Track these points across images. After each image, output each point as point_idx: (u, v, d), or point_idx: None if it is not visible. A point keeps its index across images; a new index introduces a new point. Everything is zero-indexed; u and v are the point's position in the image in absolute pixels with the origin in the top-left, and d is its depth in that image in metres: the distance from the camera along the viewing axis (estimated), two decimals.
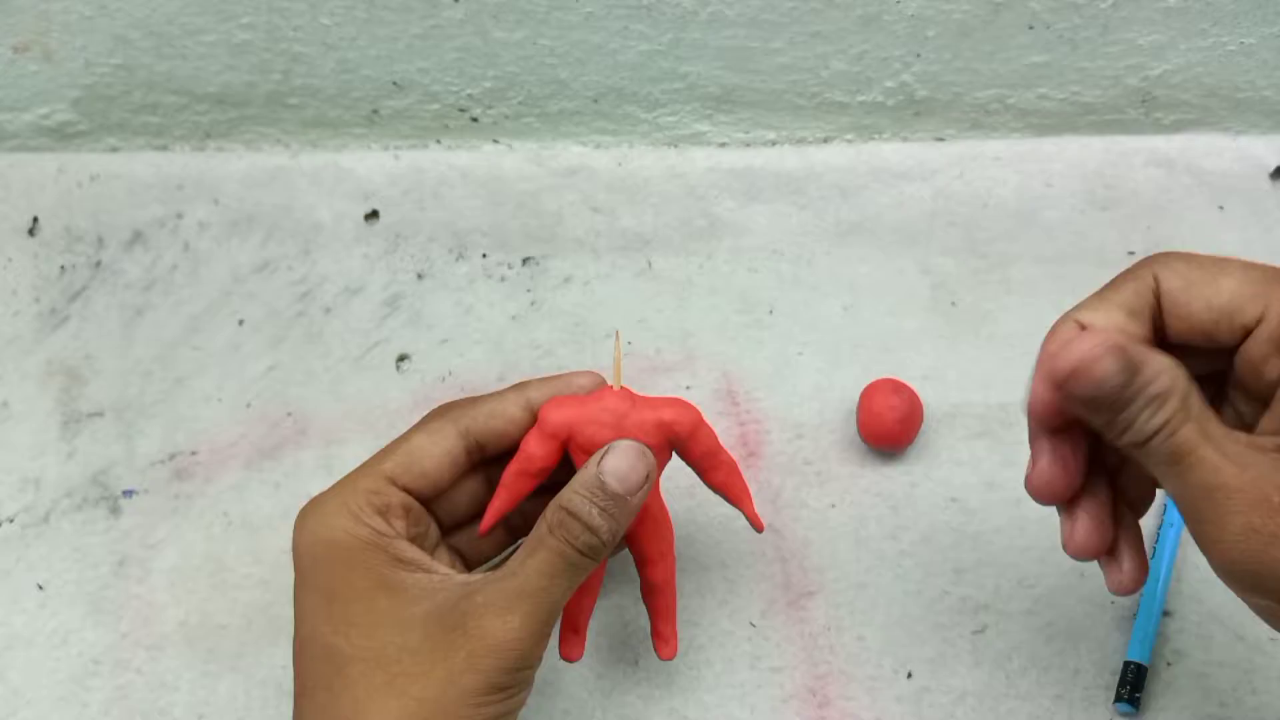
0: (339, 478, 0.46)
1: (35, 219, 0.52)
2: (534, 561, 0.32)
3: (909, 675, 0.41)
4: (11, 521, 0.45)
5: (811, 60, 0.51)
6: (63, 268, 0.51)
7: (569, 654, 0.38)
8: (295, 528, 0.34)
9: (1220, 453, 0.27)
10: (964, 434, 0.46)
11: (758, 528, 0.38)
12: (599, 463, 0.33)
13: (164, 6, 0.48)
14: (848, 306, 0.49)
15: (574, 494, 0.33)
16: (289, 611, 0.43)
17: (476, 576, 0.33)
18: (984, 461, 0.45)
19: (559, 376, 0.37)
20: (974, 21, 0.49)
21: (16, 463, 0.46)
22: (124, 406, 0.47)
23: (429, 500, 0.36)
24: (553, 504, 0.33)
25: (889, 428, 0.44)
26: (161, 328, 0.49)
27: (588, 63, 0.51)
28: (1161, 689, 0.41)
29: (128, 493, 0.45)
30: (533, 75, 0.51)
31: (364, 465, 0.35)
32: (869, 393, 0.45)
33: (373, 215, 0.52)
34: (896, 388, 0.45)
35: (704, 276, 0.51)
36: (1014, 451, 0.45)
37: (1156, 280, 0.31)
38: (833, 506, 0.45)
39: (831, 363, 0.48)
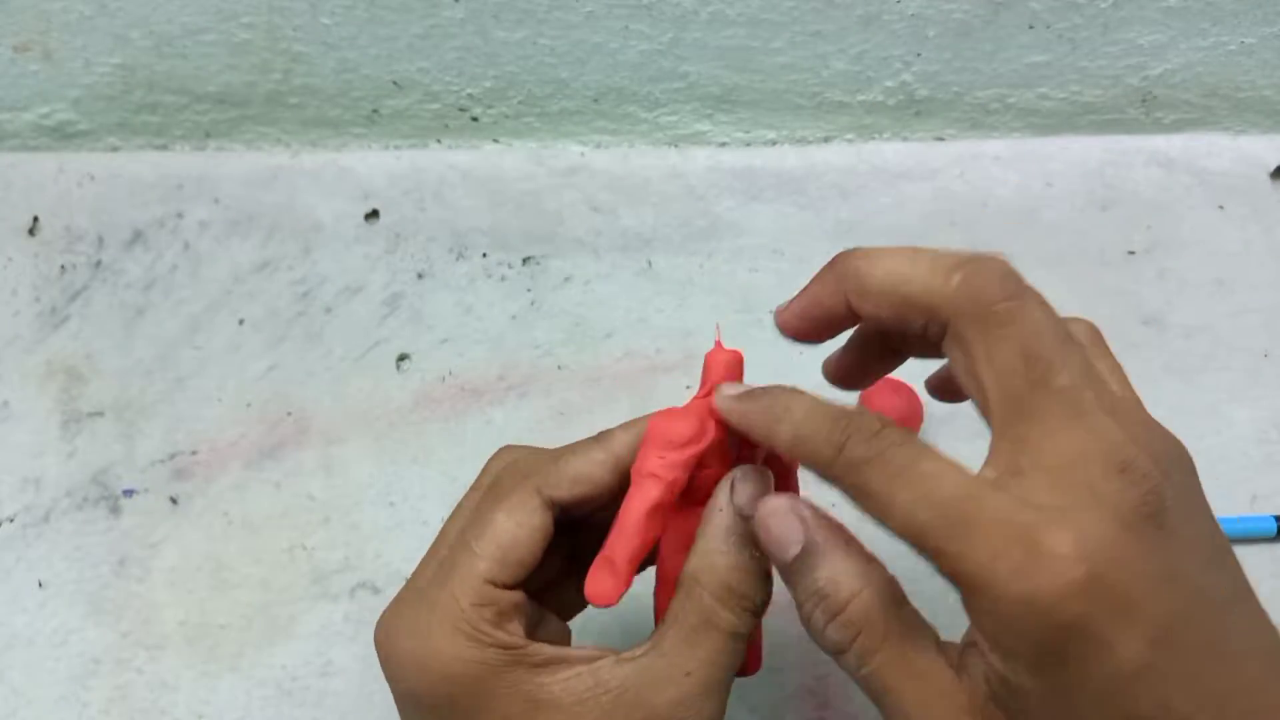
0: (339, 479, 0.46)
1: (35, 219, 0.52)
2: (705, 650, 0.28)
3: None
4: (11, 521, 0.45)
5: (812, 60, 0.51)
6: (63, 267, 0.51)
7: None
8: (394, 661, 0.29)
9: (922, 694, 0.25)
10: (964, 434, 0.46)
11: None
12: (730, 501, 0.29)
13: (164, 6, 0.48)
14: None
15: (721, 548, 0.29)
16: (289, 611, 0.43)
17: (626, 667, 0.29)
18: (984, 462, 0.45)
19: (641, 420, 0.32)
20: (974, 21, 0.49)
21: (16, 463, 0.46)
22: (124, 406, 0.47)
23: (527, 585, 0.31)
24: (697, 570, 0.29)
25: None
26: (161, 327, 0.49)
27: (588, 62, 0.51)
28: None
29: (128, 492, 0.46)
30: (533, 75, 0.51)
31: (451, 567, 0.29)
32: (869, 393, 0.45)
33: (373, 215, 0.52)
34: (896, 388, 0.45)
35: (704, 276, 0.51)
36: None
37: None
38: (833, 506, 0.44)
39: None
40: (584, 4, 0.48)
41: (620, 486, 0.30)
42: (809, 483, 0.31)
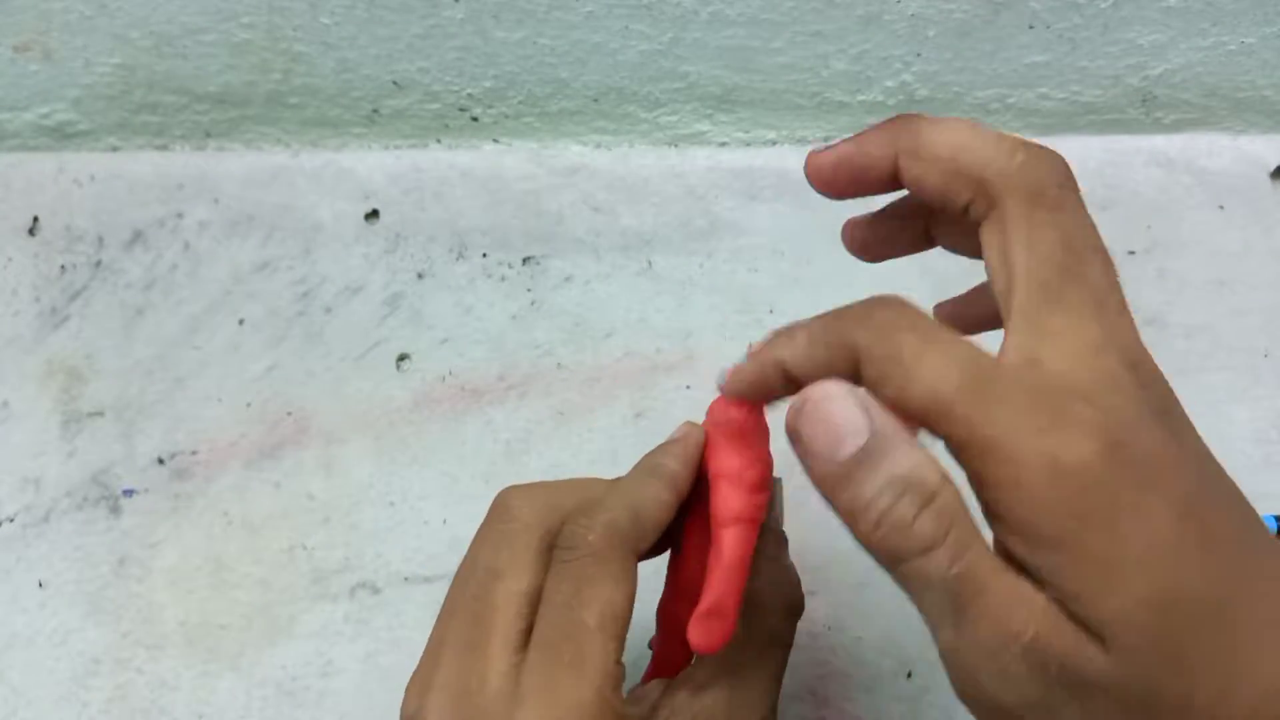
0: (339, 479, 0.46)
1: (35, 219, 0.52)
2: (771, 666, 0.29)
3: (909, 675, 0.41)
4: (12, 521, 0.45)
5: (812, 60, 0.51)
6: (63, 267, 0.51)
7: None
8: None
9: (1006, 602, 0.22)
10: None
11: None
12: (770, 519, 0.29)
13: (164, 6, 0.48)
14: None
15: (785, 569, 0.30)
16: (289, 611, 0.43)
17: (705, 695, 0.28)
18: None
19: (675, 447, 0.31)
20: (974, 21, 0.49)
21: (16, 462, 0.46)
22: (124, 406, 0.47)
23: None
24: (764, 589, 0.29)
25: None
26: (161, 327, 0.49)
27: (588, 62, 0.51)
28: None
29: (128, 492, 0.45)
30: (533, 75, 0.51)
31: (575, 655, 0.26)
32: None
33: (373, 215, 0.52)
34: None
35: (704, 276, 0.51)
36: None
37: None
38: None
39: None
40: (584, 4, 0.48)
41: (677, 508, 0.30)
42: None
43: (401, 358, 0.49)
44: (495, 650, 0.26)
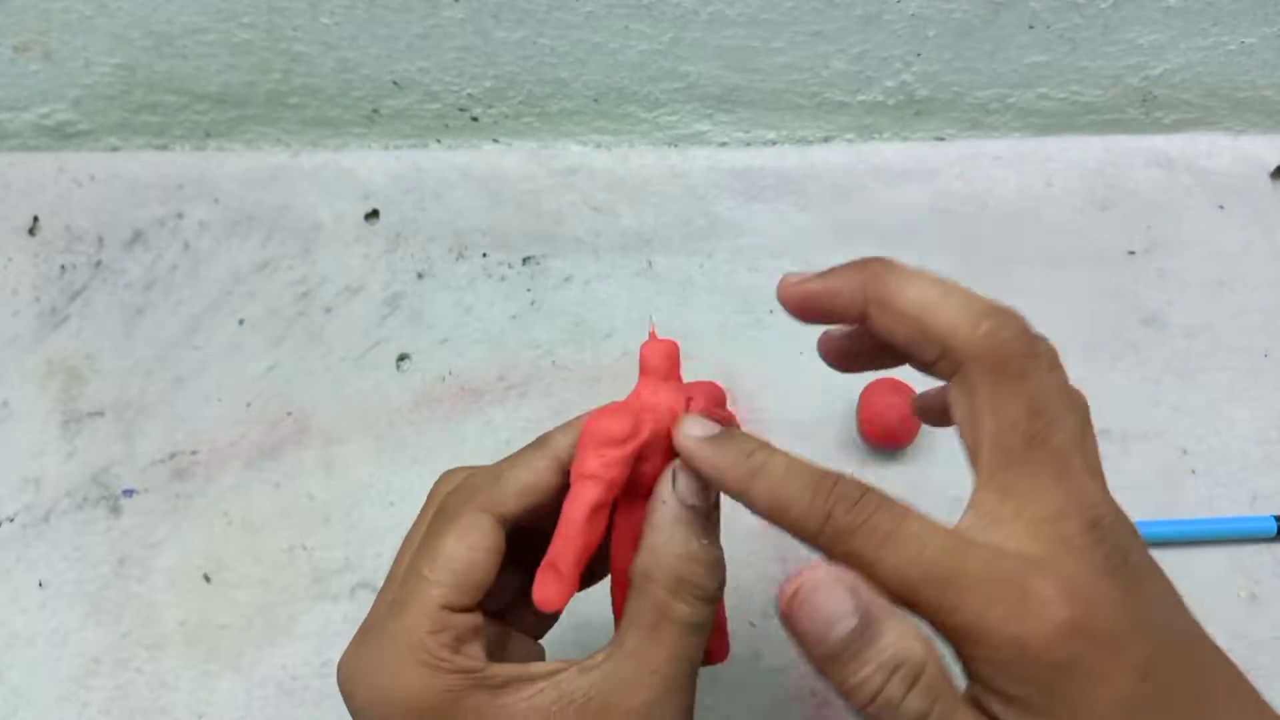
0: (339, 479, 0.46)
1: (35, 219, 0.52)
2: (666, 646, 0.28)
3: None
4: (12, 521, 0.45)
5: (812, 60, 0.51)
6: (63, 267, 0.51)
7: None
8: (358, 697, 0.29)
9: None
10: None
11: None
12: (673, 491, 0.29)
13: (164, 6, 0.48)
14: None
15: (668, 539, 0.29)
16: (289, 611, 0.43)
17: (588, 674, 0.28)
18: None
19: (574, 421, 0.32)
20: (974, 21, 0.49)
21: (16, 462, 0.46)
22: (124, 406, 0.47)
23: (482, 606, 0.30)
24: (647, 563, 0.29)
25: (889, 427, 0.44)
26: (161, 327, 0.49)
27: (588, 62, 0.51)
28: None
29: (128, 492, 0.45)
30: (533, 75, 0.51)
31: (405, 598, 0.29)
32: (869, 392, 0.45)
33: (373, 215, 0.52)
34: (896, 387, 0.45)
35: (704, 276, 0.51)
36: None
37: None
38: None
39: None
40: (584, 4, 0.48)
41: (567, 489, 0.30)
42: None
43: (401, 358, 0.49)
44: (379, 602, 0.30)
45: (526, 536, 0.31)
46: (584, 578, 0.32)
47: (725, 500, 0.38)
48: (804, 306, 0.29)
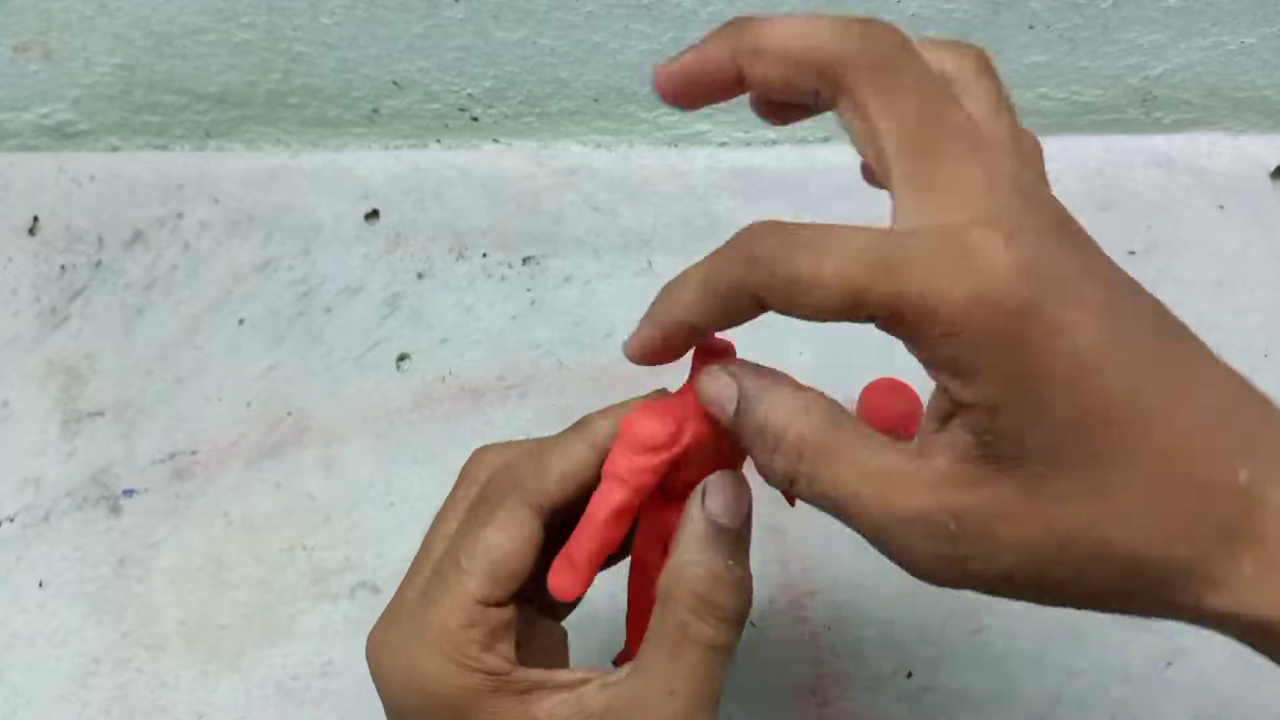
0: (339, 479, 0.46)
1: (35, 219, 0.52)
2: (687, 665, 0.27)
3: (909, 675, 0.41)
4: (12, 521, 0.45)
5: None
6: (63, 267, 0.51)
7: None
8: (385, 678, 0.29)
9: (881, 490, 0.24)
10: None
11: None
12: (703, 509, 0.28)
13: (164, 6, 0.48)
14: None
15: (694, 558, 0.28)
16: (289, 611, 0.43)
17: (611, 689, 0.28)
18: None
19: (616, 407, 0.31)
20: (974, 21, 0.49)
21: (16, 462, 0.46)
22: (124, 406, 0.47)
23: (519, 597, 0.30)
24: (671, 582, 0.28)
25: (889, 427, 0.44)
26: (161, 327, 0.49)
27: (588, 62, 0.51)
28: (1161, 689, 0.41)
29: (128, 492, 0.46)
30: (533, 75, 0.51)
31: (442, 586, 0.29)
32: (869, 393, 0.45)
33: (373, 215, 0.52)
34: (896, 387, 0.45)
35: None
36: None
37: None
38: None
39: (831, 363, 0.48)
40: (584, 4, 0.48)
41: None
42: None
43: (401, 358, 0.49)
44: (413, 581, 0.30)
45: (562, 521, 0.31)
46: (605, 563, 0.31)
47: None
48: (682, 87, 0.28)
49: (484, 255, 0.51)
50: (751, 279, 0.26)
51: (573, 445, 0.30)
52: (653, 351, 0.29)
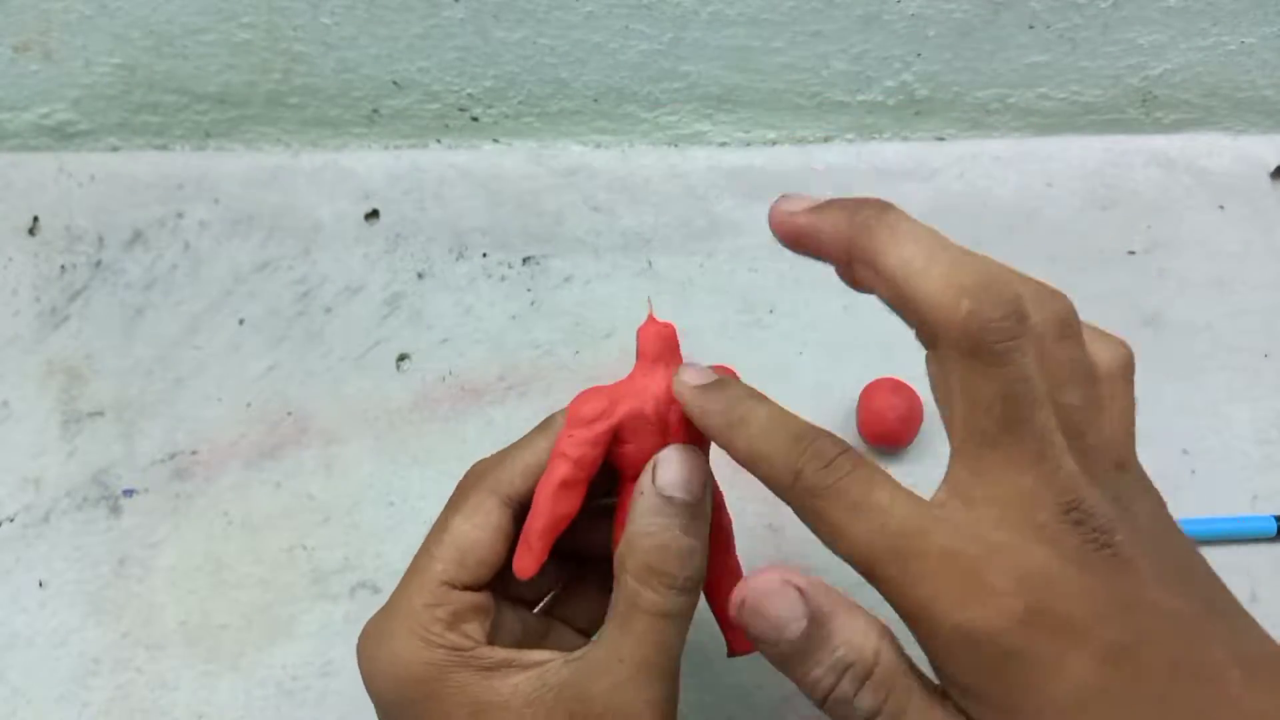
0: (339, 479, 0.46)
1: (35, 219, 0.52)
2: (635, 634, 0.28)
3: None
4: (12, 521, 0.45)
5: (812, 60, 0.51)
6: (63, 267, 0.51)
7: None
8: (363, 664, 0.30)
9: None
10: None
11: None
12: (653, 482, 0.29)
13: (164, 6, 0.48)
14: (847, 306, 0.49)
15: (644, 529, 0.29)
16: (289, 611, 0.43)
17: (572, 665, 0.29)
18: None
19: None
20: (974, 21, 0.49)
21: (16, 462, 0.46)
22: (124, 406, 0.47)
23: (492, 584, 0.31)
24: (622, 552, 0.29)
25: (889, 427, 0.44)
26: (161, 327, 0.49)
27: (588, 62, 0.51)
28: None
29: (128, 492, 0.46)
30: (533, 75, 0.51)
31: (413, 573, 0.31)
32: (869, 393, 0.45)
33: (373, 215, 0.52)
34: (896, 387, 0.45)
35: (704, 276, 0.51)
36: None
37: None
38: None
39: (831, 363, 0.48)
40: (584, 4, 0.48)
41: None
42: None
43: (401, 358, 0.49)
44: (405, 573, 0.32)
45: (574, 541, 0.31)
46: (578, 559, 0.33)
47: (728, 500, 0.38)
48: (792, 240, 0.29)
49: (484, 255, 0.51)
50: (791, 492, 0.26)
51: (535, 440, 0.32)
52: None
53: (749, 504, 0.43)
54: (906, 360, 0.48)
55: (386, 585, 0.43)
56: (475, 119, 0.53)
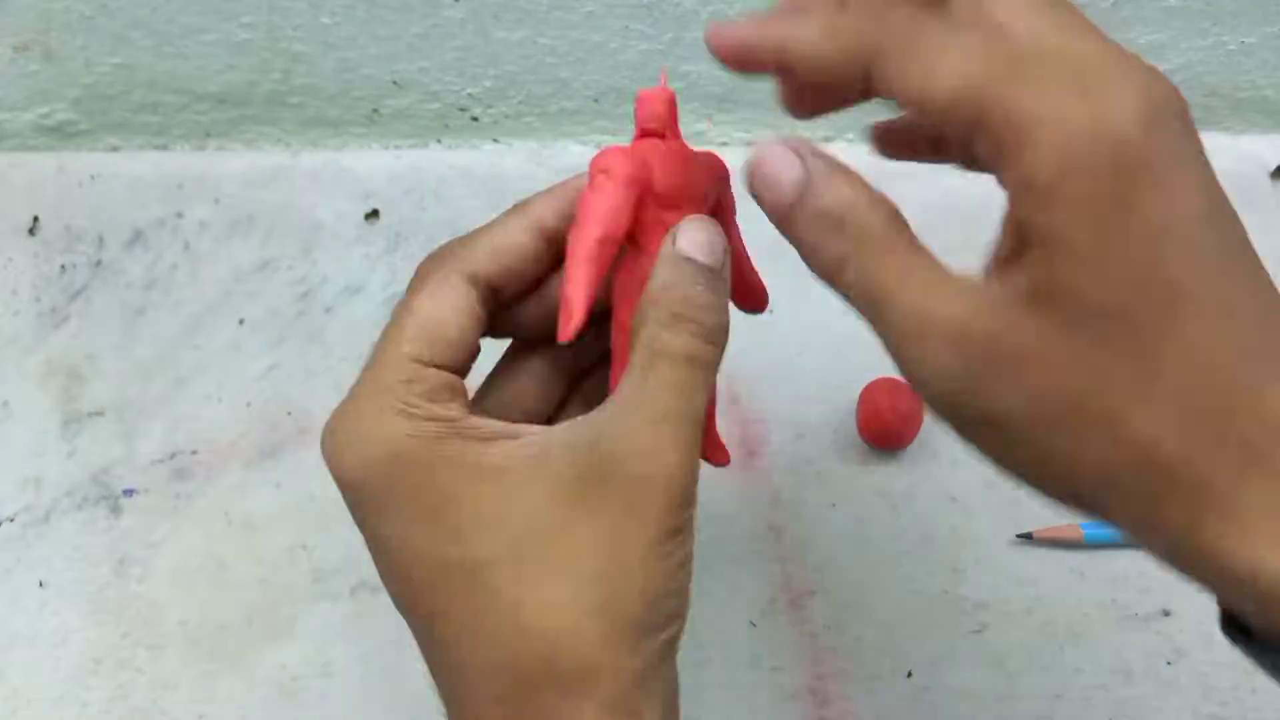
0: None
1: (35, 218, 0.52)
2: (658, 377, 0.26)
3: (909, 675, 0.41)
4: (12, 521, 0.45)
5: None
6: (63, 267, 0.51)
7: (715, 456, 0.31)
8: (332, 452, 0.28)
9: (922, 293, 0.23)
10: None
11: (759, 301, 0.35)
12: (674, 245, 0.28)
13: (164, 6, 0.48)
14: (848, 307, 0.49)
15: (668, 283, 0.27)
16: (289, 611, 0.43)
17: (579, 424, 0.27)
18: (983, 461, 0.45)
19: (560, 185, 0.31)
20: None
21: (16, 462, 0.46)
22: (124, 406, 0.47)
23: (463, 373, 0.29)
24: (645, 306, 0.27)
25: (889, 428, 0.44)
26: (161, 327, 0.49)
27: (588, 62, 0.51)
28: (1162, 689, 0.41)
29: (128, 492, 0.46)
30: (533, 74, 0.51)
31: (378, 359, 0.28)
32: (869, 393, 0.45)
33: (373, 215, 0.52)
34: (896, 387, 0.45)
35: None
36: None
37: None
38: (833, 506, 0.45)
39: (831, 363, 0.48)
40: (584, 4, 0.48)
41: (548, 256, 0.30)
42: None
43: None
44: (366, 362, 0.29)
45: (505, 303, 0.30)
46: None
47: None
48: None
49: None
50: (878, 37, 0.24)
51: (507, 219, 0.30)
52: (736, 53, 0.28)
53: (749, 504, 0.44)
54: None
55: None
56: (475, 119, 0.53)
